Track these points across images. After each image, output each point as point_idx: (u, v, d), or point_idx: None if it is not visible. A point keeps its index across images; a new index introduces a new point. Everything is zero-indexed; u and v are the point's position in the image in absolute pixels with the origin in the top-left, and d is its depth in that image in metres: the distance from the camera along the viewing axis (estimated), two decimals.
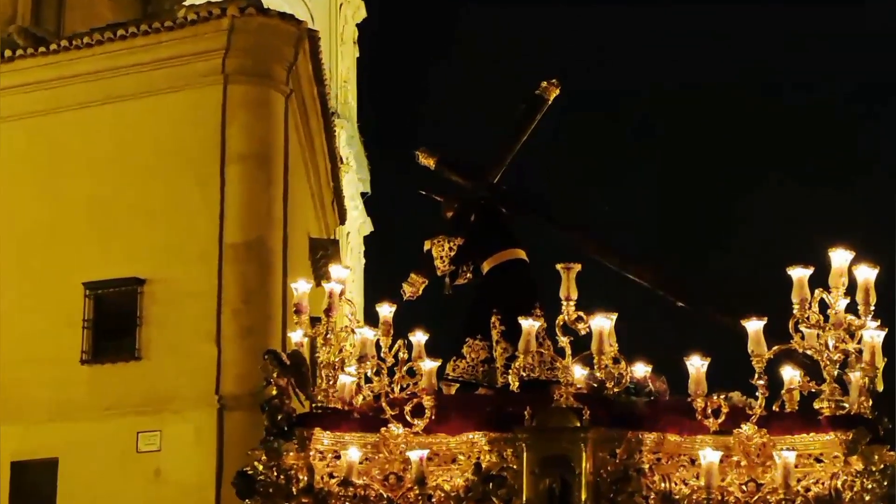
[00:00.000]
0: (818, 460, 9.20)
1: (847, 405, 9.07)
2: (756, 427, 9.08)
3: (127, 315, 18.63)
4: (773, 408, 9.37)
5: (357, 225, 32.35)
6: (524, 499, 9.09)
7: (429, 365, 9.27)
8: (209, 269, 18.46)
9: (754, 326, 9.10)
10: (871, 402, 8.94)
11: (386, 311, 9.81)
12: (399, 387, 9.41)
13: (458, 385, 10.14)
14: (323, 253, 21.92)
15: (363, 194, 32.91)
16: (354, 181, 30.94)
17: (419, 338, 9.63)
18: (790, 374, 9.31)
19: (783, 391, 9.25)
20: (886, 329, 9.03)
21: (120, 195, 18.79)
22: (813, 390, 9.29)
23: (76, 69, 19.21)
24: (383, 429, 9.17)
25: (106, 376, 18.52)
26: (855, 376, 9.00)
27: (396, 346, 9.58)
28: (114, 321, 18.76)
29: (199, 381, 17.94)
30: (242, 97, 19.02)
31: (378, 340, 9.50)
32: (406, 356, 9.49)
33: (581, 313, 9.28)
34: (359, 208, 32.18)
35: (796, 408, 9.51)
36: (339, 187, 26.02)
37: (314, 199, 23.56)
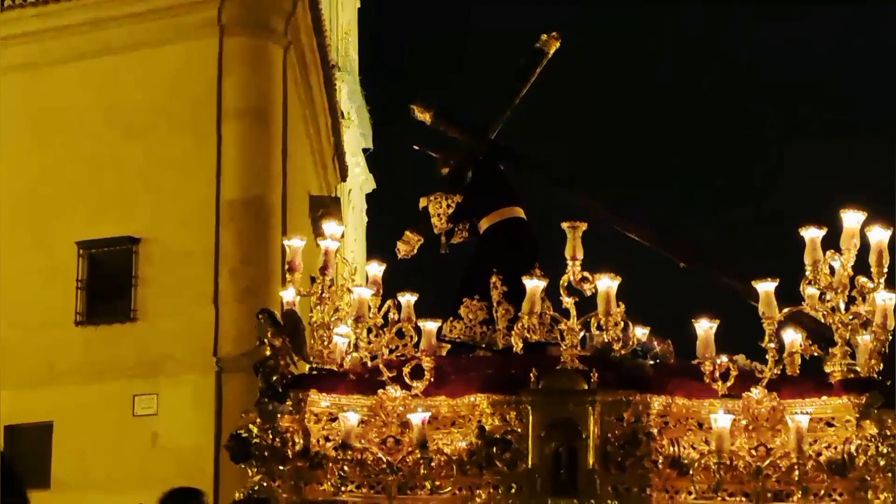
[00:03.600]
0: (829, 424, 9.27)
1: (858, 369, 9.17)
2: (766, 391, 9.17)
3: (122, 275, 18.80)
4: (774, 371, 9.44)
5: (359, 182, 32.38)
6: (529, 463, 9.18)
7: (429, 326, 9.33)
8: (206, 227, 18.60)
9: (766, 288, 9.18)
10: (882, 366, 9.04)
11: (375, 269, 9.89)
12: (388, 349, 9.45)
13: (448, 346, 10.15)
14: (324, 211, 22.04)
15: (365, 150, 32.91)
16: (356, 137, 30.94)
17: (408, 298, 9.65)
18: (792, 338, 9.39)
19: (784, 354, 9.31)
20: None
21: (114, 151, 18.92)
22: (816, 354, 9.39)
23: (67, 20, 19.32)
24: (381, 391, 9.23)
25: (101, 338, 18.69)
26: (864, 339, 9.10)
27: (385, 306, 9.64)
28: (108, 281, 18.93)
29: (197, 343, 18.10)
30: (239, 50, 19.11)
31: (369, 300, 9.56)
32: (396, 317, 9.55)
33: (587, 273, 9.35)
34: (361, 165, 32.19)
35: (797, 372, 9.61)
36: (340, 143, 26.09)
37: (314, 155, 23.65)
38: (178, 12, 19.19)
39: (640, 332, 9.85)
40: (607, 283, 9.28)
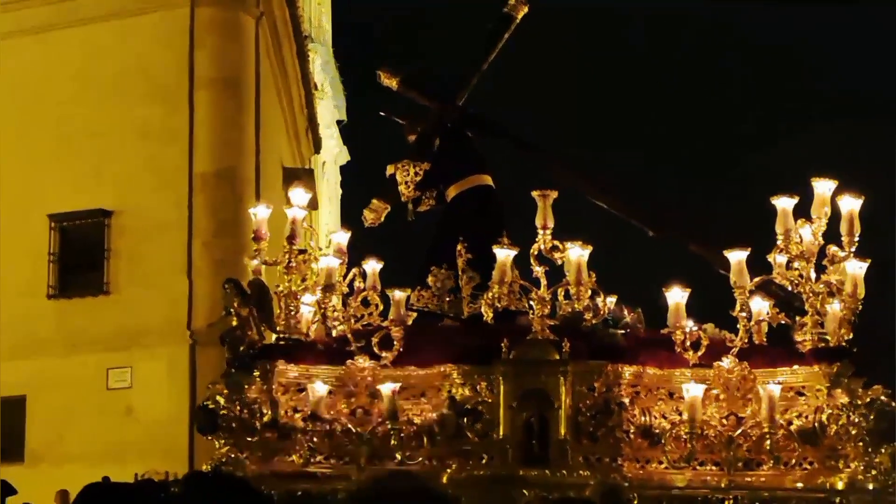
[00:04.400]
0: (800, 394, 9.31)
1: (829, 338, 9.17)
2: (737, 360, 9.18)
3: (94, 248, 18.67)
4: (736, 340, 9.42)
5: (333, 154, 32.26)
6: (501, 433, 9.16)
7: (398, 294, 9.29)
8: (179, 199, 18.48)
9: (737, 257, 9.17)
10: (851, 335, 9.05)
11: (341, 237, 9.84)
12: (353, 318, 9.40)
13: (414, 315, 10.11)
14: (297, 182, 21.90)
15: (339, 122, 32.78)
16: (330, 108, 30.80)
17: (373, 266, 9.61)
18: (759, 306, 9.38)
19: (752, 322, 9.30)
20: (869, 260, 9.11)
21: (85, 123, 18.74)
22: (783, 322, 9.38)
23: None
24: (349, 361, 9.19)
25: (74, 311, 18.57)
26: (834, 308, 9.09)
27: (351, 274, 9.58)
28: (81, 254, 18.81)
29: (171, 316, 18.02)
30: (211, 20, 18.95)
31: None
32: (362, 286, 9.49)
33: (557, 242, 9.32)
34: (334, 137, 32.07)
35: (764, 340, 9.62)
36: (314, 115, 25.97)
37: (287, 126, 23.53)
38: None
39: (608, 301, 9.84)
40: (578, 252, 9.26)
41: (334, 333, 9.47)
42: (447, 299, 10.33)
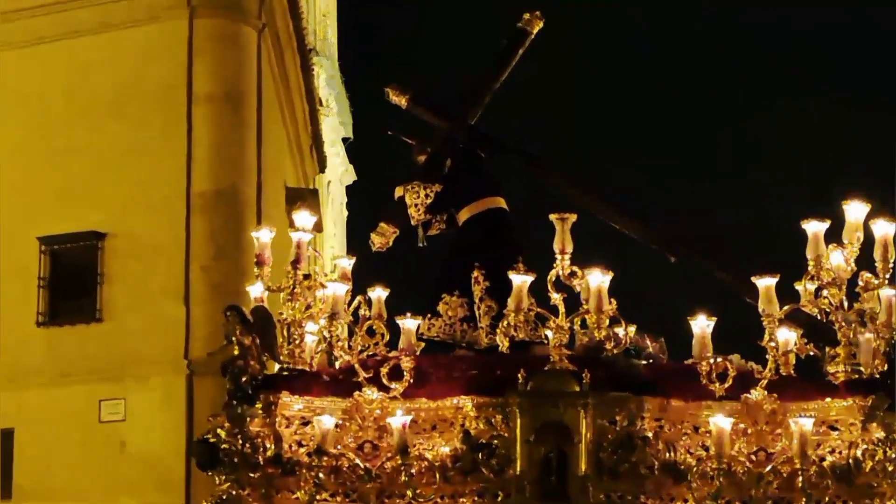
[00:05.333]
0: (833, 428, 9.35)
1: (863, 369, 9.21)
2: (766, 392, 9.22)
3: (86, 272, 18.73)
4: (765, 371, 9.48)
5: (338, 173, 32.37)
6: (517, 469, 9.20)
7: (408, 324, 9.36)
8: (176, 221, 18.55)
9: (766, 283, 9.24)
10: (886, 366, 9.09)
11: (345, 263, 9.91)
12: (360, 347, 9.47)
13: (422, 345, 10.18)
14: (301, 203, 21.99)
15: (345, 140, 32.90)
16: (335, 125, 30.91)
17: (378, 294, 9.67)
18: (786, 336, 9.43)
19: (778, 353, 9.35)
20: None
21: (77, 141, 18.80)
22: (812, 353, 9.44)
23: (28, 1, 19.15)
24: (357, 393, 9.25)
25: (64, 339, 18.64)
26: (867, 338, 9.14)
27: (356, 302, 9.66)
28: (72, 279, 18.88)
29: (166, 344, 18.07)
30: (210, 32, 19.03)
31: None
32: (367, 314, 9.56)
33: (576, 268, 9.39)
34: (340, 155, 32.18)
35: (791, 371, 9.67)
36: (319, 132, 26.07)
37: (291, 144, 23.63)
38: None
39: (622, 331, 9.89)
40: (599, 279, 9.32)
41: (338, 364, 9.53)
42: (460, 328, 10.40)
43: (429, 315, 10.40)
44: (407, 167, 11.24)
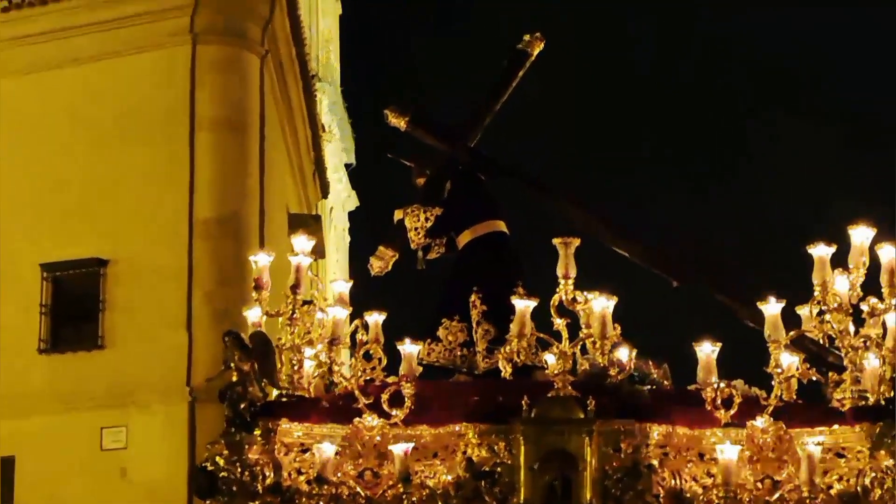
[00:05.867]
0: (840, 455, 9.27)
1: (869, 395, 9.13)
2: (771, 419, 9.15)
3: (88, 299, 18.68)
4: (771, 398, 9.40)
5: (341, 199, 32.32)
6: (521, 497, 9.14)
7: (409, 349, 9.31)
8: (179, 247, 18.51)
9: (772, 309, 9.18)
10: (892, 393, 9.01)
11: (342, 287, 9.86)
12: (358, 372, 9.41)
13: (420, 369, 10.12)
14: (304, 229, 21.90)
15: (347, 166, 32.87)
16: (338, 151, 30.87)
17: (376, 318, 9.62)
18: (789, 361, 9.36)
19: (779, 379, 9.28)
20: None
21: (80, 167, 18.79)
22: (814, 378, 9.37)
23: (30, 28, 19.18)
24: (357, 419, 9.19)
25: (66, 367, 18.57)
26: (872, 364, 9.06)
27: (353, 326, 9.60)
28: (74, 306, 18.82)
29: (169, 372, 17.99)
30: (213, 58, 19.03)
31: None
32: (364, 338, 9.50)
33: (578, 293, 9.33)
34: (343, 181, 32.13)
35: (794, 397, 9.62)
36: (321, 157, 26.03)
37: (293, 170, 23.59)
38: (149, 19, 19.10)
39: (626, 355, 9.84)
40: (603, 304, 9.27)
41: (337, 390, 9.47)
42: (460, 354, 10.35)
43: (429, 340, 10.34)
44: (409, 192, 11.21)
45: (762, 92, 45.16)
